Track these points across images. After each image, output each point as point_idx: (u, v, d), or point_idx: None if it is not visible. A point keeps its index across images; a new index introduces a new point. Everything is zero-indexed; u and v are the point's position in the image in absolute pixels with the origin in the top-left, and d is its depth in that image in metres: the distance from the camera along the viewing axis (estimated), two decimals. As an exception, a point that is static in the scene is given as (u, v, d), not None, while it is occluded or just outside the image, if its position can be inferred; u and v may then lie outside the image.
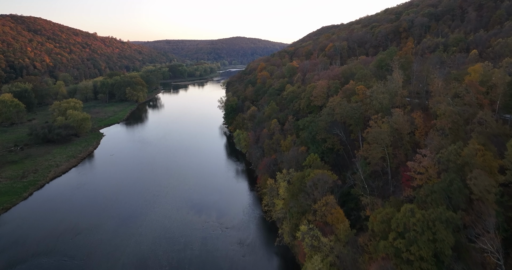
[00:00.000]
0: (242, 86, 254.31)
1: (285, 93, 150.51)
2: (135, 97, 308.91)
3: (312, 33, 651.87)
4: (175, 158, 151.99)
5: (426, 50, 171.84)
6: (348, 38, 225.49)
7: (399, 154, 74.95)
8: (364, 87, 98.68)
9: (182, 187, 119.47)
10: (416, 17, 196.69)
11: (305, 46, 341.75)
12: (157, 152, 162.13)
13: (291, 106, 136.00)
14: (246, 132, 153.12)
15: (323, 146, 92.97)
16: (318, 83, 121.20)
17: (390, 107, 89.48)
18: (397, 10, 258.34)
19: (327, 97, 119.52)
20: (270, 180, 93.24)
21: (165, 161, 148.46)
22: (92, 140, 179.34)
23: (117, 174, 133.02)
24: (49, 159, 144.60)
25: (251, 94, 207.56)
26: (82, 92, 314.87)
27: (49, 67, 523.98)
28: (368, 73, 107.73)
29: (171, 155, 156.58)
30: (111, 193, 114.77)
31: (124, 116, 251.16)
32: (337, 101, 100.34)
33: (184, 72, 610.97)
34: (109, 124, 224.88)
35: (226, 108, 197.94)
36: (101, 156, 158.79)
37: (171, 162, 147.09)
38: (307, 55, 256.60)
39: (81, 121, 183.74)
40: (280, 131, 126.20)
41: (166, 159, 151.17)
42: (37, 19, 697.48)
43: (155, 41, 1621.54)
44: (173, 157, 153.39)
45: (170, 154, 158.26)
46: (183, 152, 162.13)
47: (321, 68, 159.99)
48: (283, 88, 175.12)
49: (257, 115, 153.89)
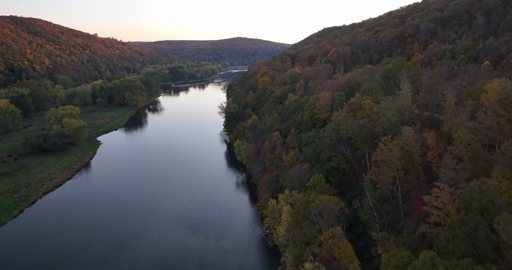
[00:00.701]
0: (243, 91, 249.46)
1: (287, 102, 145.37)
2: (134, 102, 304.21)
3: (314, 34, 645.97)
4: (173, 170, 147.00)
5: (432, 57, 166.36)
6: (351, 43, 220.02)
7: (410, 179, 69.64)
8: (371, 101, 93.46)
9: (180, 203, 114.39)
10: (422, 22, 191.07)
11: (307, 49, 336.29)
12: (155, 163, 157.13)
13: (293, 117, 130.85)
14: (246, 143, 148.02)
15: (328, 165, 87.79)
16: (322, 94, 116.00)
17: (399, 124, 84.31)
18: (401, 13, 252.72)
19: (331, 110, 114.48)
20: (272, 201, 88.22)
21: (163, 173, 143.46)
22: (89, 149, 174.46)
23: (112, 188, 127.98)
24: (42, 171, 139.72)
25: (252, 100, 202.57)
26: (80, 96, 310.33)
27: (48, 69, 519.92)
28: (375, 86, 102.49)
29: (169, 166, 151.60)
30: (106, 210, 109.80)
31: (122, 122, 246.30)
32: (342, 115, 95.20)
33: (185, 74, 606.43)
34: (107, 131, 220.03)
35: (226, 115, 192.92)
36: (97, 167, 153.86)
37: (170, 174, 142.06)
38: (309, 60, 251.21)
39: (77, 130, 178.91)
40: (282, 143, 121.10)
41: (164, 171, 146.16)
42: (37, 21, 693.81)
43: (156, 42, 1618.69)
44: (172, 169, 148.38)
45: (168, 165, 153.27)
46: (182, 162, 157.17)
47: (324, 76, 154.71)
48: (285, 96, 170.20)
49: (258, 125, 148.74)
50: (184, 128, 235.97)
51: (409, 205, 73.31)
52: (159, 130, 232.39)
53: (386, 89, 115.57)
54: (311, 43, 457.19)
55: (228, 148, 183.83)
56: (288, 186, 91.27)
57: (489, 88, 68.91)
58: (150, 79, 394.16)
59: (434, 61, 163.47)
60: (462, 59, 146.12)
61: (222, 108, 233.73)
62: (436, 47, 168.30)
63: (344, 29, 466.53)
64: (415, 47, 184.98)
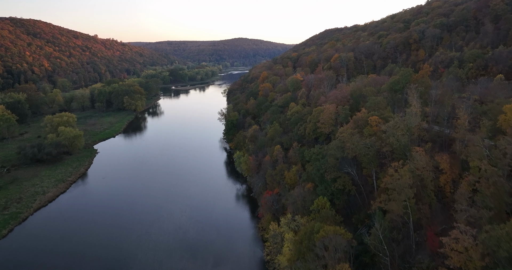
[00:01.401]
0: (244, 97, 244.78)
1: (289, 112, 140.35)
2: (133, 106, 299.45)
3: (315, 36, 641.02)
4: (171, 182, 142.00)
5: (439, 64, 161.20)
6: (354, 49, 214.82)
7: (423, 208, 64.56)
8: (378, 118, 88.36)
9: (177, 221, 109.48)
10: (428, 28, 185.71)
11: (309, 53, 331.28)
12: (152, 174, 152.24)
13: (295, 129, 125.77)
14: (247, 155, 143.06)
15: (333, 186, 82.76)
16: (326, 107, 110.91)
17: (409, 143, 79.26)
18: (404, 17, 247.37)
19: (336, 124, 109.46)
20: (274, 224, 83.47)
21: (160, 186, 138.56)
22: (85, 159, 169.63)
23: (106, 204, 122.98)
24: (36, 184, 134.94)
25: (253, 108, 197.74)
26: (78, 101, 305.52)
27: (47, 71, 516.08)
28: (381, 100, 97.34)
29: (167, 178, 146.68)
30: (99, 228, 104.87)
31: (120, 128, 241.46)
32: (348, 132, 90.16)
33: (185, 76, 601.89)
34: (104, 138, 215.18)
35: (226, 123, 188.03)
36: (92, 179, 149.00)
37: (167, 187, 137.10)
38: (311, 65, 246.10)
39: (73, 139, 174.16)
40: (283, 158, 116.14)
41: (162, 183, 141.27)
42: (36, 22, 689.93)
43: (156, 42, 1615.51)
44: (170, 181, 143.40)
45: (166, 177, 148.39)
46: (180, 173, 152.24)
47: (327, 85, 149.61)
48: (287, 104, 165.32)
49: (259, 136, 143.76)
50: (183, 134, 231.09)
51: (421, 234, 68.29)
52: (158, 137, 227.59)
53: (393, 102, 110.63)
54: (313, 45, 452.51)
55: (228, 157, 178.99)
56: (291, 208, 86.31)
57: (508, 110, 63.72)
58: (150, 83, 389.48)
59: (441, 69, 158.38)
60: (470, 68, 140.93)
61: (222, 114, 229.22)
62: (443, 54, 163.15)
63: (346, 32, 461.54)
64: (421, 53, 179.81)
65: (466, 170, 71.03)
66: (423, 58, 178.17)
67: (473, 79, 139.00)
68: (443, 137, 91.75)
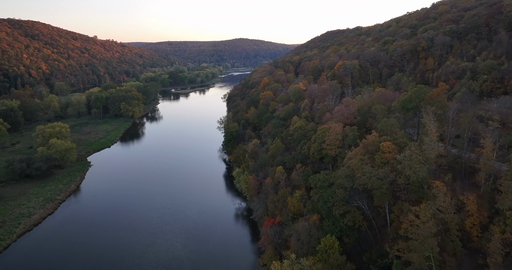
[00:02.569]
0: (244, 104, 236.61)
1: (291, 128, 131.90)
2: (131, 113, 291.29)
3: (317, 38, 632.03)
4: (167, 201, 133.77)
5: (450, 75, 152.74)
6: (359, 56, 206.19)
7: (449, 260, 56.14)
8: (391, 144, 79.91)
9: (171, 249, 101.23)
10: (436, 35, 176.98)
11: (311, 57, 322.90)
12: (147, 191, 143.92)
13: (298, 147, 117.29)
14: (247, 173, 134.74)
15: (342, 222, 74.38)
16: (332, 127, 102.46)
17: (428, 176, 70.90)
18: (411, 22, 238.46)
19: (343, 145, 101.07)
20: (276, 263, 74.94)
21: (156, 205, 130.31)
22: (77, 174, 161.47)
23: (96, 227, 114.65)
24: (22, 205, 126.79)
25: (253, 117, 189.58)
26: (74, 107, 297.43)
27: (45, 74, 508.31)
28: (394, 123, 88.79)
29: (163, 196, 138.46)
30: (84, 258, 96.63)
31: (116, 137, 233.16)
32: (357, 158, 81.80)
33: (185, 78, 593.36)
34: (99, 149, 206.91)
35: (226, 135, 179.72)
36: (82, 197, 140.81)
37: (163, 206, 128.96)
38: (314, 72, 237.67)
39: (65, 152, 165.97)
40: (286, 180, 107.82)
41: (157, 202, 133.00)
42: (35, 23, 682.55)
43: (157, 43, 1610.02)
44: (166, 199, 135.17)
45: (162, 194, 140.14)
46: (177, 191, 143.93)
47: (332, 98, 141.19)
48: (289, 116, 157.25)
49: (259, 153, 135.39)
50: (181, 143, 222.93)
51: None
52: (155, 146, 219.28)
53: (405, 121, 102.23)
54: (315, 48, 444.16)
55: (227, 170, 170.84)
56: (295, 245, 77.93)
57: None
58: (148, 87, 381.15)
59: (452, 80, 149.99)
60: (485, 80, 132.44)
61: (222, 122, 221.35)
62: (454, 64, 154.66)
63: (349, 34, 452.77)
64: (429, 62, 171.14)
65: (495, 209, 63.09)
66: (432, 67, 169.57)
67: (489, 92, 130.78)
68: (462, 163, 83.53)
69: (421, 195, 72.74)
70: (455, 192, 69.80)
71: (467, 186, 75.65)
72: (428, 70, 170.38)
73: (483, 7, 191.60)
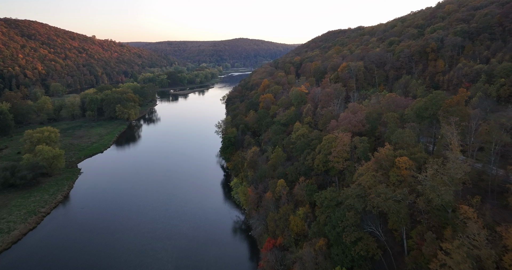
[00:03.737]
0: (243, 107, 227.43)
1: (293, 135, 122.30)
2: (126, 115, 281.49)
3: (318, 38, 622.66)
4: (160, 214, 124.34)
5: (463, 78, 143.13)
6: (364, 57, 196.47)
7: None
8: (408, 159, 70.32)
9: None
10: (447, 35, 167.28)
11: (313, 58, 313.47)
12: (139, 202, 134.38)
13: (301, 157, 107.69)
14: (245, 183, 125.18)
15: (353, 251, 64.83)
16: (338, 137, 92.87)
17: (453, 199, 61.38)
18: (417, 22, 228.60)
19: (351, 157, 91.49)
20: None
21: (148, 218, 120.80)
22: (65, 182, 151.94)
23: (81, 245, 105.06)
24: (2, 219, 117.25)
25: (253, 121, 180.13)
26: (68, 109, 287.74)
27: (41, 75, 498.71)
28: (410, 135, 79.01)
29: (156, 207, 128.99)
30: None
31: (110, 141, 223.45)
32: (370, 175, 72.29)
33: (184, 79, 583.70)
34: (91, 155, 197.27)
35: (223, 141, 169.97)
36: (69, 209, 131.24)
37: (155, 220, 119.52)
38: (316, 74, 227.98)
39: (52, 159, 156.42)
40: (288, 195, 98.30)
41: (149, 214, 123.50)
42: (32, 23, 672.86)
43: (157, 43, 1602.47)
44: (158, 212, 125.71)
45: (155, 206, 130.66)
46: (171, 202, 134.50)
47: (337, 103, 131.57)
48: (291, 122, 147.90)
49: (259, 162, 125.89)
50: (178, 148, 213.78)
51: None
52: (150, 151, 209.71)
53: (420, 130, 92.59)
54: (316, 49, 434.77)
55: (225, 178, 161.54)
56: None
57: None
58: (146, 88, 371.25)
59: (465, 83, 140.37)
60: (502, 84, 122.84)
61: (220, 126, 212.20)
62: (467, 66, 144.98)
63: (351, 34, 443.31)
64: (439, 64, 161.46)
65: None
66: (442, 70, 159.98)
67: (507, 97, 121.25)
68: (489, 181, 73.91)
69: (444, 220, 63.31)
70: (485, 217, 60.46)
71: (496, 209, 66.15)
72: (438, 72, 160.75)
73: (495, 5, 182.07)
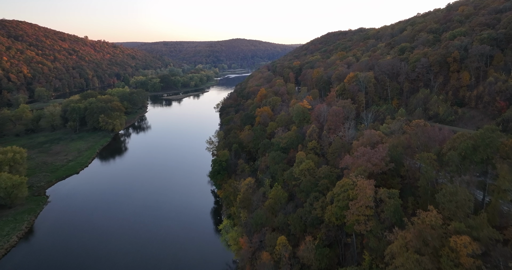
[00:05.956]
0: (238, 119, 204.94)
1: (296, 170, 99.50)
2: (111, 126, 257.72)
3: (317, 40, 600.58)
4: (140, 254, 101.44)
5: (496, 95, 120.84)
6: (373, 66, 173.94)
7: None
8: (471, 240, 47.84)
9: None
10: (471, 43, 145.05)
11: (313, 63, 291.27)
12: (109, 246, 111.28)
13: (307, 203, 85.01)
14: (237, 229, 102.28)
15: None
16: (358, 185, 70.21)
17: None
18: (430, 26, 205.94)
19: (376, 214, 68.88)
20: None
21: (123, 264, 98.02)
22: (25, 217, 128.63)
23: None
24: None
25: (248, 140, 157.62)
26: (47, 119, 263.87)
27: (26, 78, 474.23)
28: (467, 197, 56.31)
29: (129, 253, 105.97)
30: None
31: (89, 159, 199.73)
32: (410, 259, 49.90)
33: (178, 82, 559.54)
34: (65, 176, 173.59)
35: (214, 164, 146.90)
36: (21, 258, 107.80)
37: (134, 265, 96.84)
38: (319, 83, 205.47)
39: (12, 188, 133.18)
40: (290, 258, 75.70)
41: (125, 259, 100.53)
42: (20, 23, 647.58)
43: (152, 43, 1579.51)
44: (133, 259, 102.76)
45: (128, 251, 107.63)
46: (148, 245, 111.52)
47: (348, 128, 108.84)
48: (292, 146, 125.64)
49: (254, 201, 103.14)
50: (166, 165, 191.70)
51: None
52: (133, 170, 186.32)
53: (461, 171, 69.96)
54: (316, 52, 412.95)
55: (217, 206, 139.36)
56: None
57: None
58: (135, 95, 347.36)
59: (499, 102, 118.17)
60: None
61: (211, 142, 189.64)
62: (500, 81, 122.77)
63: (353, 37, 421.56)
64: (464, 77, 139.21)
65: None
66: (467, 84, 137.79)
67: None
68: None
69: None
70: None
71: None
72: (463, 86, 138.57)
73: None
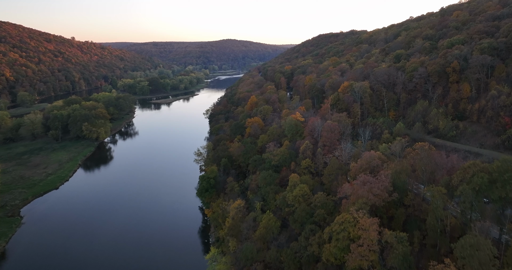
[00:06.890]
0: (228, 128, 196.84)
1: (289, 195, 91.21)
2: (95, 135, 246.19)
3: (308, 42, 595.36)
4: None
5: (499, 110, 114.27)
6: (368, 75, 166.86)
7: None
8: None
9: None
10: (471, 52, 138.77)
11: (305, 68, 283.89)
12: None
13: (302, 237, 76.79)
14: (226, 261, 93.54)
15: None
16: (360, 222, 62.20)
17: None
18: (426, 32, 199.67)
19: (381, 259, 60.93)
20: None
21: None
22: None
23: None
24: None
25: (238, 153, 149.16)
26: (28, 128, 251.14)
27: (9, 82, 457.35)
28: (487, 247, 48.71)
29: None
30: None
31: (70, 172, 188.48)
32: None
33: (167, 85, 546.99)
34: (42, 193, 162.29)
35: (201, 181, 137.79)
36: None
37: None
38: (311, 91, 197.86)
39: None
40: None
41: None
42: (2, 24, 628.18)
43: (142, 43, 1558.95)
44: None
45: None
46: None
47: (345, 148, 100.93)
48: (284, 163, 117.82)
49: (243, 230, 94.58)
50: (152, 178, 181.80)
51: None
52: (117, 185, 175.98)
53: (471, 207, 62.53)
54: (308, 55, 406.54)
55: (204, 225, 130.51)
56: None
57: None
58: (121, 100, 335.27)
59: (504, 117, 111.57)
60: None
61: (200, 154, 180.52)
62: (503, 94, 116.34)
63: (345, 40, 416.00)
64: (464, 88, 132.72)
65: None
66: (468, 96, 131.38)
67: None
68: None
69: None
70: None
71: None
72: (463, 98, 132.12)
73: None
